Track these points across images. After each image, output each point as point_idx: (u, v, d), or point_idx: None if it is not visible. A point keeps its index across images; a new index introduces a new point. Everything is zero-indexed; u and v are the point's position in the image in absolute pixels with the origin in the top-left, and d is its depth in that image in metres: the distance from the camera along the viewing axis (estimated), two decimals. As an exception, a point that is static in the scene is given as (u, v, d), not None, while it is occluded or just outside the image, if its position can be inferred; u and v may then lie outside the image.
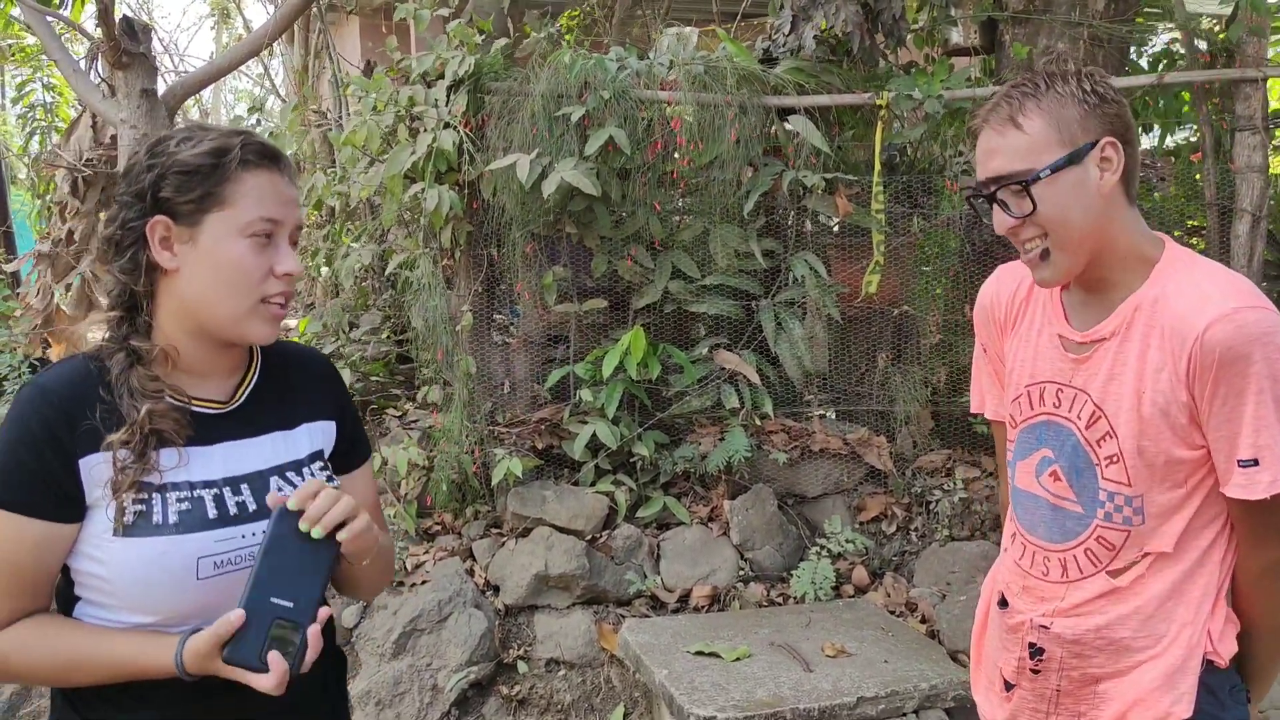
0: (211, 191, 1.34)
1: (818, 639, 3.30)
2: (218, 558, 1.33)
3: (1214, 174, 4.01)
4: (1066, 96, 1.46)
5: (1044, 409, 1.63)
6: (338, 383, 1.61)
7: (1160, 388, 1.46)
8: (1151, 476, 1.50)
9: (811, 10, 4.07)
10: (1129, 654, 1.56)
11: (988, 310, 1.77)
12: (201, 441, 1.38)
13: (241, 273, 1.35)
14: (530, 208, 3.96)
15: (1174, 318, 1.45)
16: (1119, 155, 1.47)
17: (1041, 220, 1.47)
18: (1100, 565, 1.58)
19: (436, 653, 3.52)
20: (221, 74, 4.96)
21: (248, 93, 13.49)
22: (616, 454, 4.08)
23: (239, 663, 1.25)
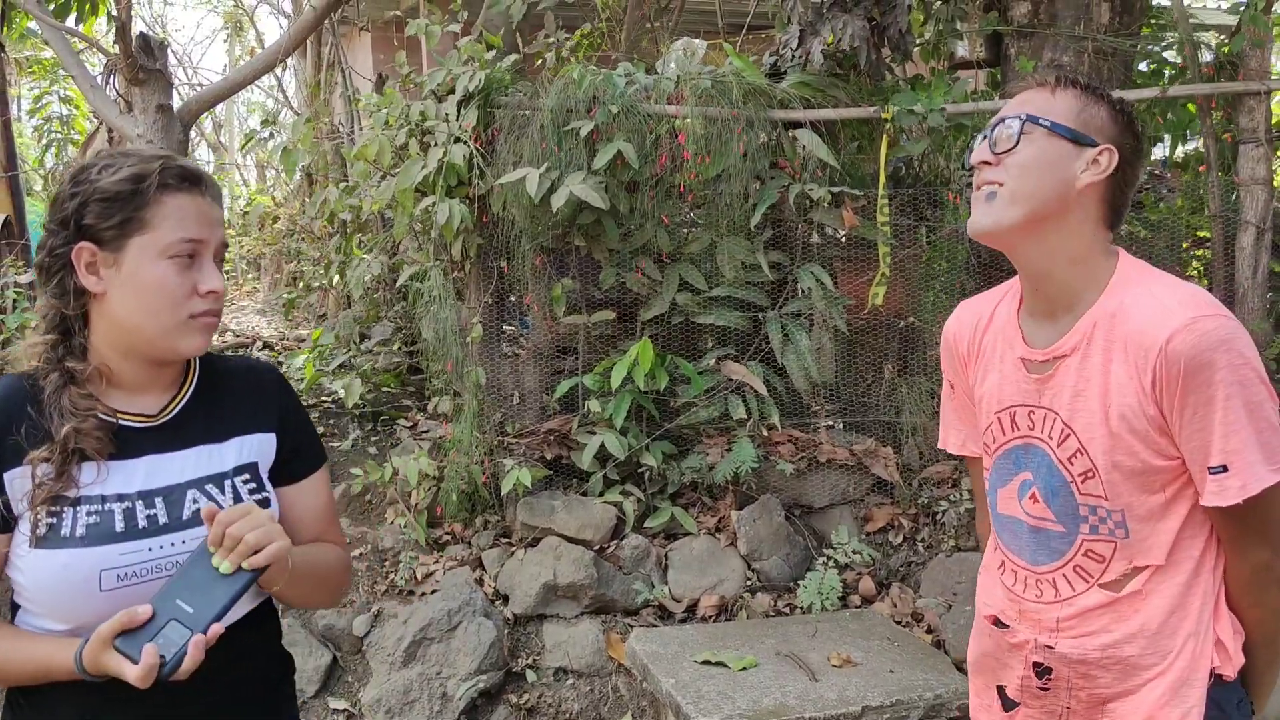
0: (132, 216, 1.37)
1: (824, 649, 3.32)
2: (121, 570, 1.36)
3: (1218, 186, 4.04)
4: (1105, 100, 1.53)
5: (1017, 433, 1.63)
6: (282, 395, 1.62)
7: (1127, 401, 1.47)
8: (1129, 488, 1.51)
9: (819, 25, 4.11)
10: (1136, 672, 1.55)
11: (951, 346, 1.79)
12: (126, 455, 1.42)
13: (165, 293, 1.39)
14: (539, 221, 4.01)
15: (1134, 331, 1.46)
16: (1109, 165, 1.50)
17: (1011, 164, 1.50)
18: (1092, 579, 1.57)
19: (446, 661, 3.56)
20: (236, 89, 5.04)
21: (260, 106, 13.61)
22: (625, 464, 4.11)
23: (124, 650, 1.28)
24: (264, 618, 1.59)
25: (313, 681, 3.59)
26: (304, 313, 7.07)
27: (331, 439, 4.76)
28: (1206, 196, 4.16)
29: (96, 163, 1.42)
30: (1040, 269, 1.55)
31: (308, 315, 7.06)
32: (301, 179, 6.89)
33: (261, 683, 1.57)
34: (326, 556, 1.60)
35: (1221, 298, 4.07)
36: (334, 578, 1.62)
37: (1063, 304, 1.55)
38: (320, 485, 1.64)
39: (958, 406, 1.84)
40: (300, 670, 3.60)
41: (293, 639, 3.66)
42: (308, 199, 6.70)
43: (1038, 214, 1.50)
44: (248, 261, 10.45)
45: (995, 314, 1.70)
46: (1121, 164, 1.51)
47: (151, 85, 4.19)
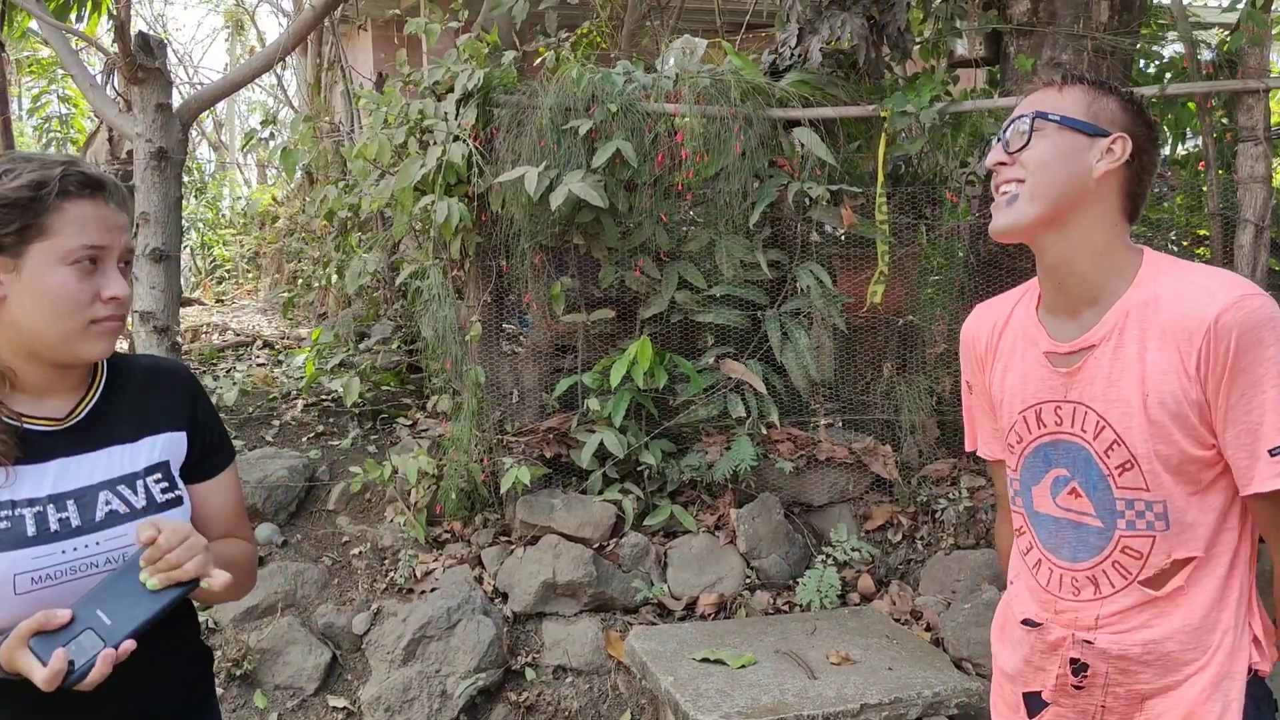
0: (31, 223, 1.36)
1: (823, 646, 3.33)
2: (36, 573, 1.36)
3: (1217, 184, 4.04)
4: (1113, 92, 1.54)
5: (1044, 429, 1.62)
6: (192, 393, 1.62)
7: (1167, 388, 1.45)
8: (1170, 478, 1.49)
9: (818, 23, 4.11)
10: (1177, 668, 1.54)
11: (969, 347, 1.79)
12: (34, 459, 1.41)
13: (66, 299, 1.38)
14: (538, 219, 4.01)
15: (1175, 316, 1.45)
16: (1124, 152, 1.50)
17: (1027, 160, 1.52)
18: (1131, 576, 1.55)
19: (445, 659, 3.56)
20: (236, 88, 5.04)
21: (261, 105, 13.62)
22: (624, 463, 4.12)
23: (35, 650, 1.28)
24: (181, 618, 1.59)
25: (312, 679, 3.60)
26: (304, 311, 7.07)
27: (331, 437, 4.76)
28: (1205, 195, 4.16)
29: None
30: (1063, 261, 1.54)
31: (308, 314, 7.07)
32: (301, 177, 6.89)
33: (180, 684, 1.58)
34: (236, 552, 1.61)
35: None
36: (244, 574, 1.63)
37: (1086, 297, 1.55)
38: (231, 482, 1.66)
39: (975, 408, 1.84)
40: (300, 668, 3.60)
41: (292, 637, 3.67)
42: (308, 197, 6.70)
43: (1058, 207, 1.50)
44: (248, 260, 10.45)
45: (1013, 313, 1.70)
46: (1137, 151, 1.51)
47: (151, 84, 4.19)
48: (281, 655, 3.63)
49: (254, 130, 4.86)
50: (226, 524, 1.62)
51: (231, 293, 10.16)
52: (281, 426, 4.93)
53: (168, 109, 4.26)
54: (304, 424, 4.90)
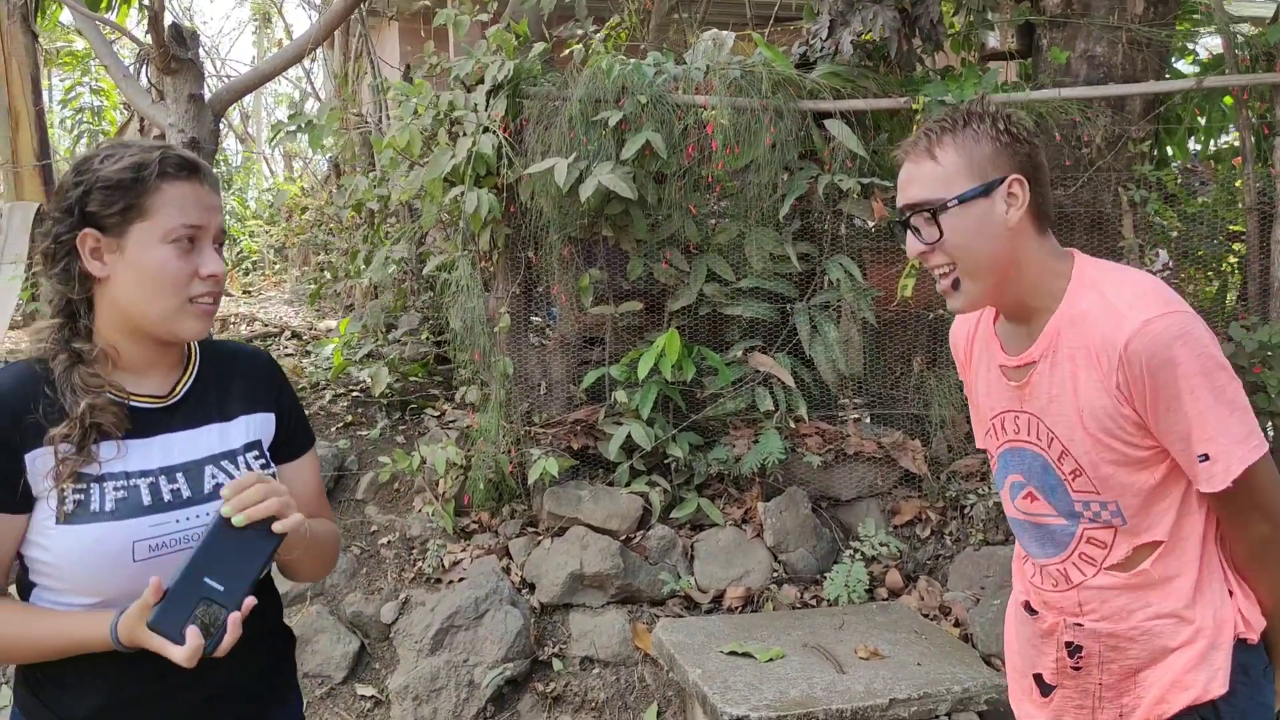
0: (133, 204, 1.43)
1: (851, 641, 3.31)
2: (153, 541, 1.42)
3: (1254, 179, 3.98)
4: (982, 134, 1.55)
5: (1007, 437, 1.70)
6: (277, 377, 1.69)
7: (1100, 404, 1.52)
8: (1117, 481, 1.56)
9: (849, 15, 4.08)
10: (1164, 643, 1.60)
11: (955, 352, 1.88)
12: (140, 434, 1.48)
13: (166, 277, 1.44)
14: (567, 211, 4.01)
15: (1094, 338, 1.51)
16: (1024, 192, 1.54)
17: (948, 248, 1.56)
18: (1097, 563, 1.63)
19: (473, 649, 3.57)
20: (266, 79, 5.06)
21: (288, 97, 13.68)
22: (651, 455, 4.11)
23: (160, 630, 1.33)
24: (269, 592, 1.66)
25: (341, 668, 3.62)
26: (331, 302, 7.11)
27: (360, 428, 4.78)
28: (1241, 189, 4.10)
29: (99, 153, 1.48)
30: (1012, 299, 1.62)
31: (335, 305, 7.10)
32: (329, 169, 6.92)
33: (266, 664, 1.64)
34: (325, 530, 1.67)
35: (1255, 291, 4.03)
36: (332, 550, 1.71)
37: (1028, 310, 1.62)
38: (313, 464, 1.72)
39: (973, 408, 1.90)
40: (328, 657, 3.62)
41: (321, 625, 3.69)
42: (336, 189, 6.73)
43: (998, 273, 1.57)
44: (275, 251, 10.51)
45: (980, 323, 1.77)
46: (1030, 179, 1.55)
47: (183, 75, 4.22)
48: (310, 644, 3.65)
49: (281, 123, 4.88)
50: (309, 505, 1.67)
51: (258, 284, 10.23)
52: (310, 417, 4.96)
53: (200, 100, 4.29)
54: (333, 414, 4.92)
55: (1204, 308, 4.38)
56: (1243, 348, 3.72)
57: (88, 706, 1.46)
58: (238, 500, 1.36)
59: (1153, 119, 4.37)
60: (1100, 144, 4.17)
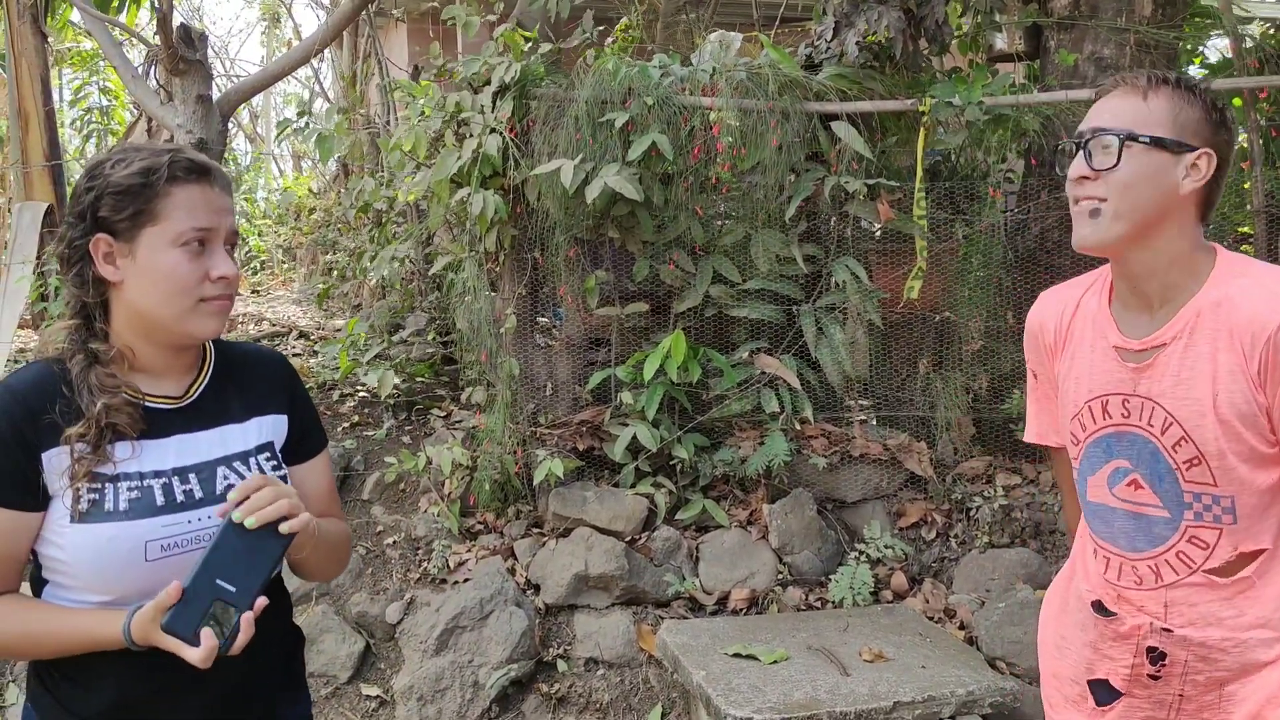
0: (143, 209, 1.44)
1: (855, 643, 3.31)
2: (164, 541, 1.44)
3: (1262, 181, 3.97)
4: (1196, 101, 1.52)
5: (1110, 421, 1.63)
6: (291, 379, 1.71)
7: (1237, 388, 1.47)
8: (1239, 475, 1.51)
9: (854, 16, 4.08)
10: (1256, 655, 1.55)
11: (1037, 336, 1.78)
12: (155, 435, 1.50)
13: (177, 280, 1.45)
14: (574, 212, 4.02)
15: (1244, 319, 1.46)
16: (1209, 170, 1.51)
17: (1114, 181, 1.50)
18: (1195, 565, 1.57)
19: (478, 650, 3.58)
20: (274, 80, 5.08)
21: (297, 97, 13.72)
22: (656, 456, 4.12)
23: (174, 632, 1.35)
24: (280, 593, 1.68)
25: (346, 668, 3.63)
26: (339, 303, 7.13)
27: (366, 428, 4.79)
28: (1250, 191, 4.09)
29: (110, 158, 1.49)
30: (1145, 270, 1.56)
31: (343, 305, 7.12)
32: (337, 169, 6.94)
33: (277, 662, 1.67)
34: (336, 530, 1.69)
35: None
36: (343, 551, 1.72)
37: (1161, 298, 1.56)
38: (325, 465, 1.74)
39: (1041, 397, 1.84)
40: (334, 657, 3.63)
41: (326, 625, 3.70)
42: (344, 190, 6.75)
43: (1143, 225, 1.51)
44: (284, 251, 10.54)
45: (1082, 302, 1.70)
46: (1219, 163, 1.52)
47: (192, 76, 4.24)
48: (316, 643, 3.66)
49: (288, 121, 4.89)
50: (321, 505, 1.69)
51: (267, 283, 10.26)
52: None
53: (208, 100, 4.30)
54: (339, 414, 4.93)
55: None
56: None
57: (99, 704, 1.48)
58: (248, 504, 1.37)
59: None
60: (1107, 146, 4.14)
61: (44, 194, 6.78)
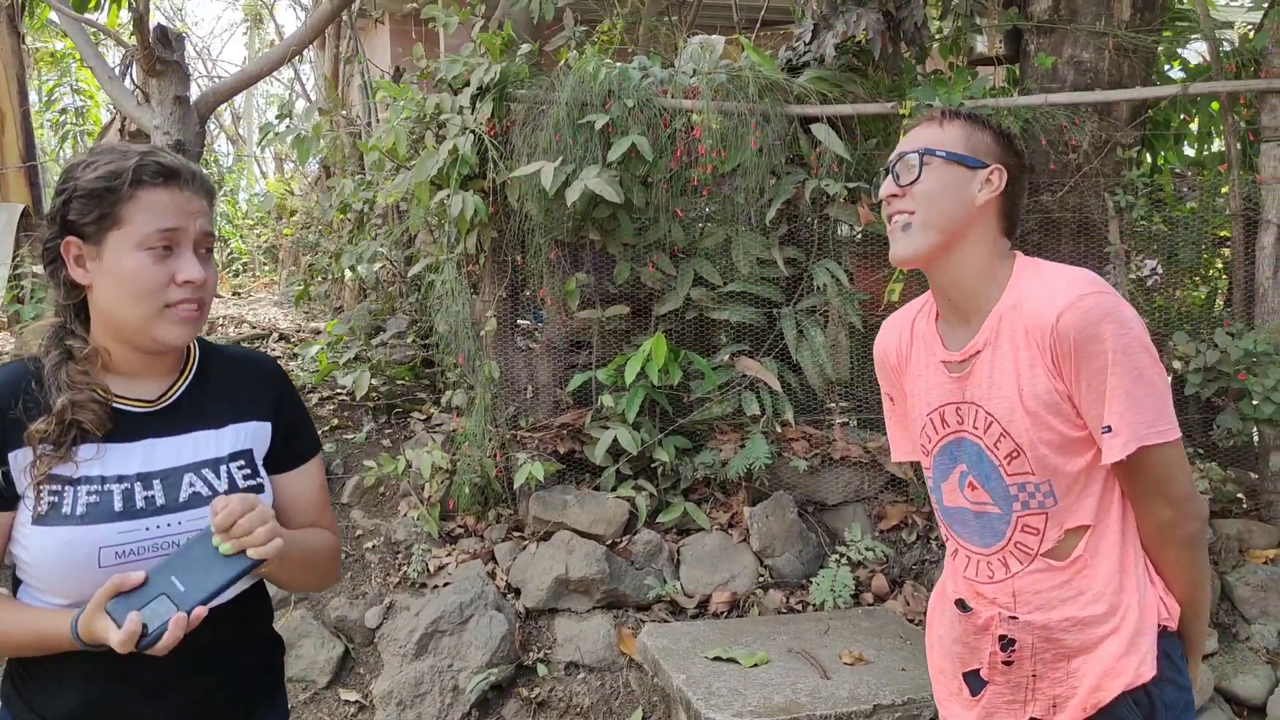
0: (107, 212, 1.43)
1: (836, 646, 3.31)
2: (120, 548, 1.41)
3: (1239, 185, 4.00)
4: (986, 127, 1.73)
5: (948, 429, 1.78)
6: (279, 385, 1.67)
7: (1037, 381, 1.62)
8: (1052, 460, 1.64)
9: (833, 19, 4.08)
10: (1094, 630, 1.68)
11: (883, 362, 1.95)
12: (123, 438, 1.48)
13: (140, 284, 1.43)
14: (554, 214, 4.00)
15: (1030, 316, 1.62)
16: (1000, 183, 1.68)
17: (917, 193, 1.67)
18: (1033, 552, 1.70)
19: (458, 654, 3.56)
20: (254, 80, 5.04)
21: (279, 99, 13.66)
22: (637, 459, 4.10)
23: (111, 614, 1.32)
24: (259, 600, 1.65)
25: (325, 672, 3.60)
26: (320, 305, 7.09)
27: (345, 431, 4.77)
28: (1227, 195, 4.11)
29: (82, 160, 1.48)
30: (952, 282, 1.72)
31: (324, 307, 7.08)
32: (318, 171, 6.90)
33: (257, 662, 1.63)
34: (318, 542, 1.65)
35: (1241, 298, 4.04)
36: (325, 563, 1.68)
37: (973, 308, 1.71)
38: (314, 473, 1.70)
39: (900, 417, 1.98)
40: (312, 661, 3.61)
41: (305, 630, 3.67)
42: (324, 191, 6.71)
43: (948, 234, 1.67)
44: (264, 253, 10.49)
45: (916, 324, 1.86)
46: (1010, 180, 1.70)
47: (169, 77, 4.20)
48: (295, 648, 3.63)
49: (270, 124, 4.86)
50: (310, 514, 1.67)
51: (248, 285, 10.20)
52: (296, 420, 4.93)
53: (185, 101, 4.27)
54: (318, 417, 4.90)
55: (1190, 313, 4.39)
56: (1228, 354, 3.73)
57: (64, 706, 1.47)
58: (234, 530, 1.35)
59: (1139, 125, 4.38)
60: (1087, 149, 4.17)
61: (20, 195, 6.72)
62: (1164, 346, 4.15)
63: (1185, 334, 3.90)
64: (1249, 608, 3.78)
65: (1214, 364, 3.77)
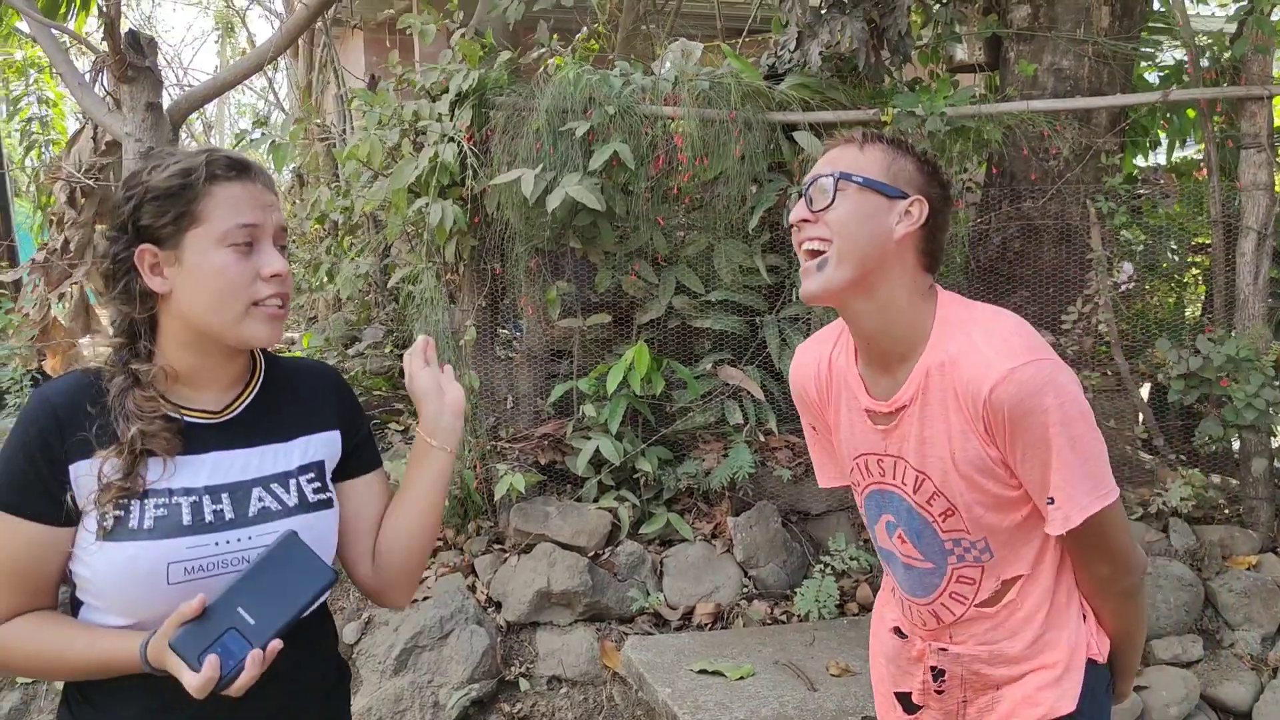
0: (185, 210, 1.39)
1: (822, 657, 3.28)
2: (189, 563, 1.37)
3: (1219, 192, 4.01)
4: (910, 154, 1.59)
5: (873, 479, 1.71)
6: (346, 395, 1.64)
7: (970, 446, 1.54)
8: (987, 520, 1.59)
9: (817, 27, 4.07)
10: (1021, 664, 1.67)
11: (801, 392, 1.82)
12: (192, 450, 1.43)
13: (228, 281, 1.40)
14: (534, 222, 3.96)
15: (962, 383, 1.52)
16: (921, 216, 1.55)
17: (831, 220, 1.54)
18: (968, 601, 1.67)
19: (438, 670, 3.50)
20: (227, 88, 4.97)
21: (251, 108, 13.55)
22: (620, 470, 4.06)
23: (179, 651, 1.27)
24: (322, 623, 1.60)
25: (301, 690, 3.53)
26: (294, 315, 7.00)
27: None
28: (1207, 201, 4.13)
29: (145, 165, 1.44)
30: (872, 326, 1.59)
31: (298, 318, 7.00)
32: (292, 180, 6.83)
33: (319, 690, 1.57)
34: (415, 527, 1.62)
35: (1221, 304, 4.05)
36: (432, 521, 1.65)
37: (894, 354, 1.60)
38: (375, 483, 1.65)
39: (824, 445, 1.88)
40: (289, 678, 3.53)
41: (281, 646, 3.60)
42: (299, 200, 6.64)
43: (863, 269, 1.54)
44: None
45: (833, 359, 1.74)
46: (932, 213, 1.56)
47: (141, 83, 4.12)
48: (270, 665, 3.55)
49: (244, 132, 4.79)
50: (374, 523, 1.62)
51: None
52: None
53: (158, 108, 4.19)
54: (294, 429, 4.82)
55: (1166, 319, 4.41)
56: (1210, 361, 3.73)
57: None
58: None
59: (1119, 132, 4.40)
60: (1068, 156, 4.18)
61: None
62: (1143, 354, 4.16)
63: (1166, 341, 3.91)
64: (1233, 614, 3.77)
65: (1195, 370, 3.77)
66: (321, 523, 1.49)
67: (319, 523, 1.48)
